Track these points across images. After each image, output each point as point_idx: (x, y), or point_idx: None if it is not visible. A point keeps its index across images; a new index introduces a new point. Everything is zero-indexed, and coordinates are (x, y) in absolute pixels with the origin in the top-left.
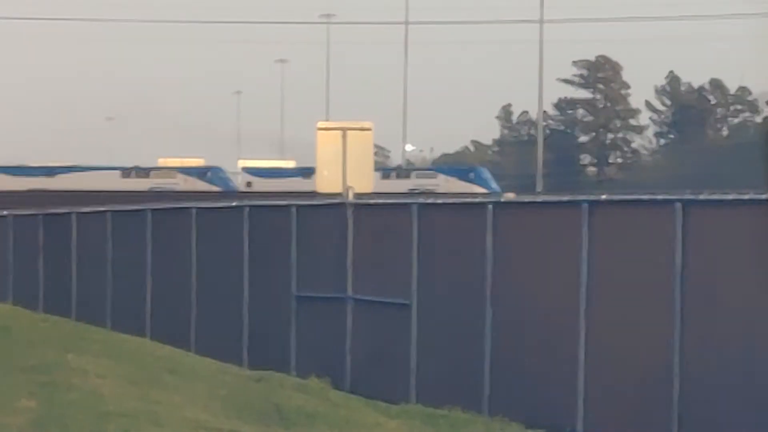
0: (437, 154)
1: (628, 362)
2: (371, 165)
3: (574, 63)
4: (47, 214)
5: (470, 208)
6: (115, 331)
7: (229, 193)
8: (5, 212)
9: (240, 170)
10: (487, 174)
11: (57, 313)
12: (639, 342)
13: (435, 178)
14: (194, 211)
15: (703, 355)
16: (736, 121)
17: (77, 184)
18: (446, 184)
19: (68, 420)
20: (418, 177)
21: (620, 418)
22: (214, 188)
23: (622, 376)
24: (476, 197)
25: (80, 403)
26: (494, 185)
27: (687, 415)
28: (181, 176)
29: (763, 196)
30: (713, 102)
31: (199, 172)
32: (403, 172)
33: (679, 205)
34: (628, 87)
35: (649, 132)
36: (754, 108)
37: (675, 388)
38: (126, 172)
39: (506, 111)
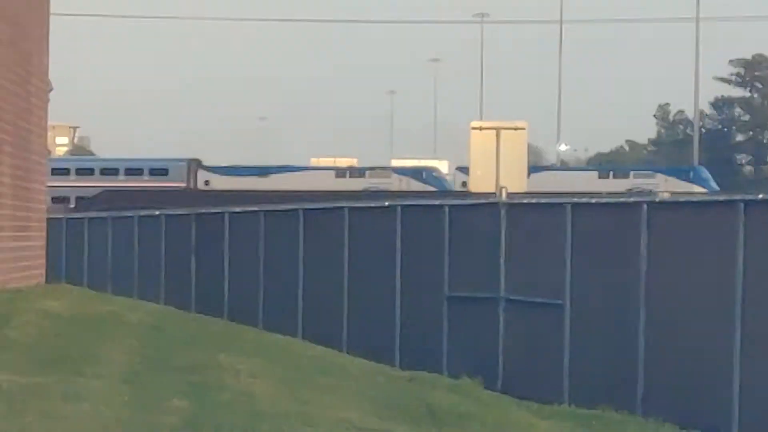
0: (591, 153)
1: None
2: (525, 164)
3: (731, 62)
4: (199, 214)
5: (624, 207)
6: (267, 331)
7: (445, 193)
8: (157, 212)
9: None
10: (705, 173)
11: (209, 313)
12: None
13: (653, 177)
14: (346, 210)
15: None
16: None
17: (291, 185)
18: (665, 184)
19: (220, 420)
20: (636, 177)
21: None
22: (429, 188)
23: None
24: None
25: (232, 403)
26: (713, 185)
27: None
28: (395, 176)
29: None
30: None
31: (414, 173)
32: (620, 171)
33: None
34: None
35: None
36: None
37: None
38: (340, 172)
39: (663, 110)
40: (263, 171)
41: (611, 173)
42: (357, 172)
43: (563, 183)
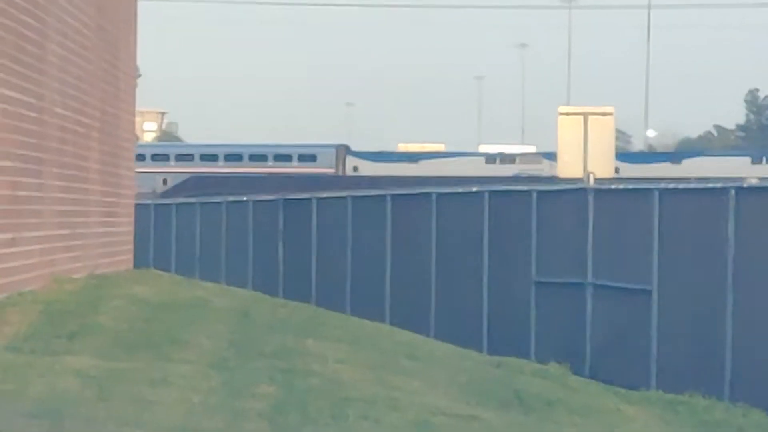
0: (679, 138)
1: None
2: (612, 150)
3: None
4: (287, 199)
5: (712, 192)
6: (354, 316)
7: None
8: (245, 197)
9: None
10: None
11: (296, 298)
12: None
13: None
14: (434, 196)
15: None
16: None
17: (441, 170)
18: None
19: (308, 405)
20: None
21: None
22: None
23: None
24: None
25: (319, 388)
26: None
27: None
28: (546, 162)
29: None
30: None
31: None
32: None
33: None
34: None
35: None
36: None
37: None
38: (491, 158)
39: (753, 95)
40: (413, 157)
41: (764, 159)
42: (507, 158)
43: (716, 168)
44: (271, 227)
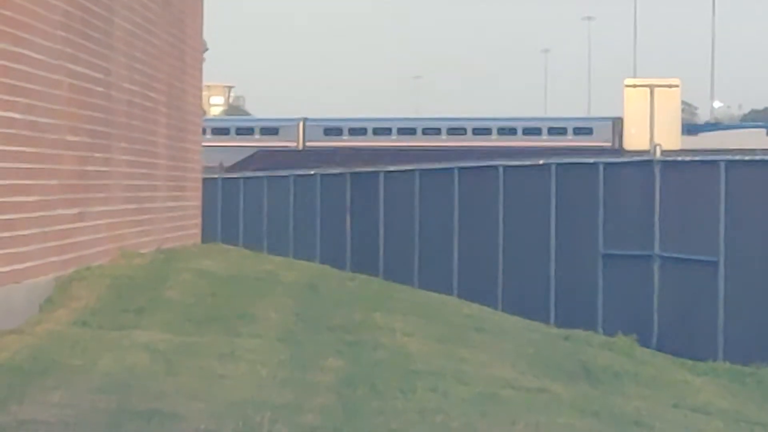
0: (746, 110)
1: None
2: (678, 122)
3: None
4: (354, 173)
5: None
6: (422, 289)
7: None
8: (312, 171)
9: None
10: None
11: (364, 272)
12: None
13: None
14: (501, 168)
15: None
16: None
17: (722, 143)
18: None
19: (376, 378)
20: None
21: None
22: None
23: None
24: None
25: (388, 361)
26: None
27: None
28: None
29: None
30: None
31: None
32: None
33: None
34: None
35: None
36: None
37: None
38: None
39: None
40: (693, 129)
41: None
42: None
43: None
44: (339, 201)
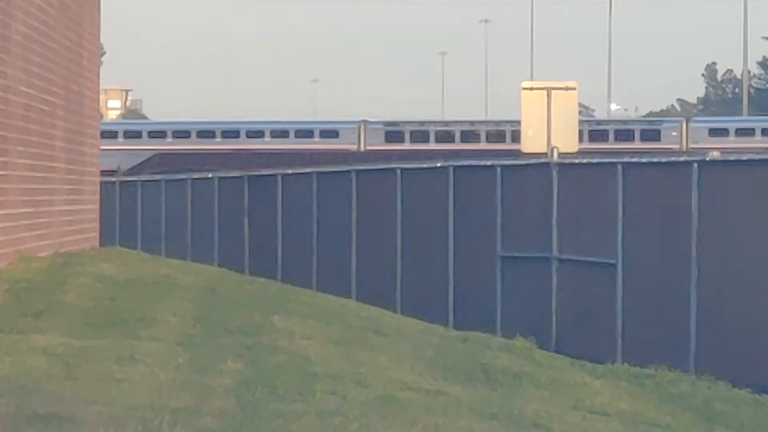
0: (642, 112)
1: None
2: (576, 125)
3: None
4: (252, 176)
5: (675, 166)
6: (321, 292)
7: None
8: (210, 174)
9: None
10: None
11: (262, 275)
12: None
13: None
14: (399, 171)
15: None
16: None
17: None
18: None
19: (275, 381)
20: None
21: None
22: None
23: None
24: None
25: (286, 364)
26: None
27: None
28: None
29: None
30: None
31: None
32: None
33: None
34: None
35: None
36: None
37: None
38: None
39: (711, 69)
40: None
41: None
42: None
43: None
44: (237, 204)
